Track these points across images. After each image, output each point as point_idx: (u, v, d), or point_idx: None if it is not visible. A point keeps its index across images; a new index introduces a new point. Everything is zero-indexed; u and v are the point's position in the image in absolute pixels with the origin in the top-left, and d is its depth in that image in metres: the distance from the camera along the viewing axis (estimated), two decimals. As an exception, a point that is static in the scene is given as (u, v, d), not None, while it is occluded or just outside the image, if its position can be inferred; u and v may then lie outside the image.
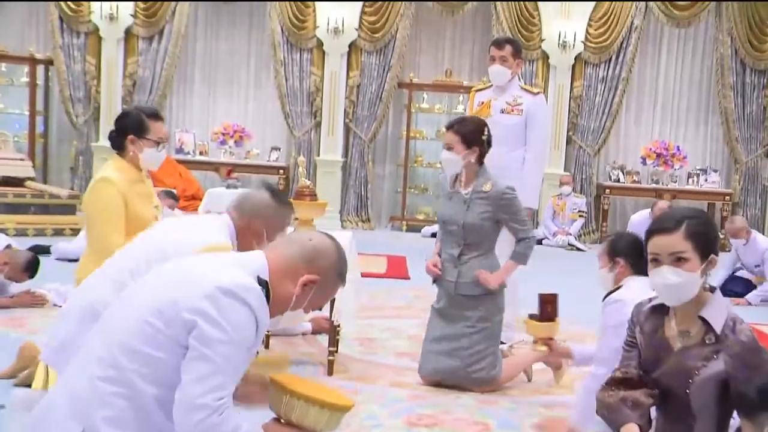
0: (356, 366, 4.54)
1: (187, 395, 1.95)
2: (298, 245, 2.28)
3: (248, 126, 11.80)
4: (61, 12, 11.39)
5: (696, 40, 11.93)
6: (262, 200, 3.05)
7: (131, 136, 3.79)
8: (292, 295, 2.24)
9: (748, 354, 2.53)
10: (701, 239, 2.56)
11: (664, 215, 2.72)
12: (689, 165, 11.66)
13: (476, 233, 4.20)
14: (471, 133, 4.22)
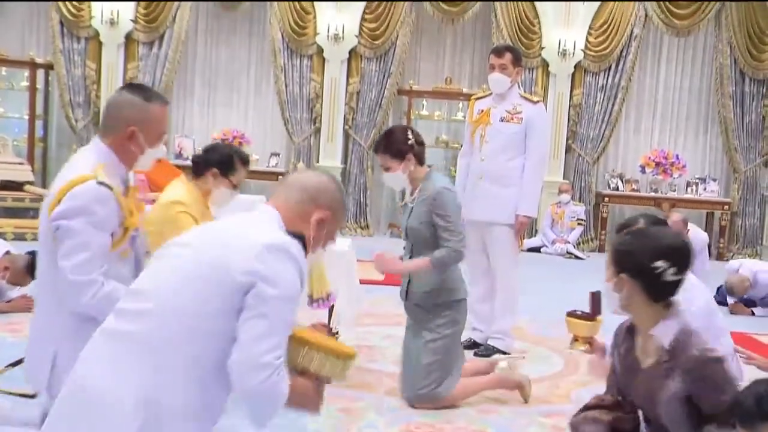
0: (355, 373, 4.51)
1: (249, 355, 1.95)
2: (299, 188, 2.29)
3: (248, 132, 11.80)
4: (62, 17, 11.40)
5: (695, 49, 11.96)
6: (121, 101, 2.82)
7: (215, 170, 3.87)
8: (310, 237, 2.26)
9: (701, 368, 2.50)
10: (615, 255, 2.63)
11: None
12: (688, 174, 11.66)
13: (417, 238, 4.09)
14: (397, 145, 4.11)
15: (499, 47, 5.48)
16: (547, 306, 6.63)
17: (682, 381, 2.52)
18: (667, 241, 2.61)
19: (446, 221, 4.00)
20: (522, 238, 5.47)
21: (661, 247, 2.55)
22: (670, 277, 2.52)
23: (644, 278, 2.53)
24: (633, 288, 2.55)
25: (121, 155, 2.73)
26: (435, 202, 4.01)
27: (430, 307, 4.06)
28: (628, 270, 2.56)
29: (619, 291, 2.58)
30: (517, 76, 5.35)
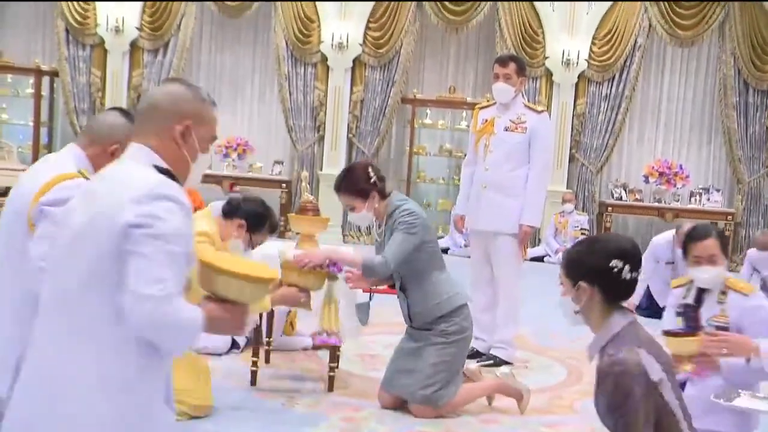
0: (357, 382, 4.53)
1: (130, 292, 1.93)
2: (149, 110, 2.23)
3: (252, 139, 11.82)
4: (68, 24, 11.44)
5: (699, 60, 11.97)
6: (113, 121, 2.88)
7: (243, 222, 3.94)
8: (183, 152, 2.21)
9: (600, 375, 2.51)
10: (569, 266, 2.65)
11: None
12: (692, 184, 11.65)
13: (402, 269, 4.08)
14: (359, 185, 4.12)
15: (504, 57, 5.48)
16: (549, 316, 6.62)
17: (601, 393, 2.53)
18: (618, 242, 2.67)
19: (400, 234, 3.99)
20: (526, 247, 5.46)
21: (613, 248, 2.60)
22: (626, 275, 2.56)
23: (602, 280, 2.57)
24: (592, 293, 2.59)
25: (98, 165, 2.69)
26: (398, 217, 4.04)
27: (435, 321, 4.06)
28: (585, 276, 2.59)
29: (579, 300, 2.62)
30: (522, 86, 5.36)
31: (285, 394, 4.17)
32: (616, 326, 2.57)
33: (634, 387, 2.41)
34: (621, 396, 2.43)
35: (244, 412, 3.86)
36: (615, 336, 2.55)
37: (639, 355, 2.47)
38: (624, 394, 2.42)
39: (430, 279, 4.10)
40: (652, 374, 2.45)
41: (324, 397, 4.18)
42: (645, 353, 2.49)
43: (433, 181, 12.01)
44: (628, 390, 2.42)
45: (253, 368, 4.30)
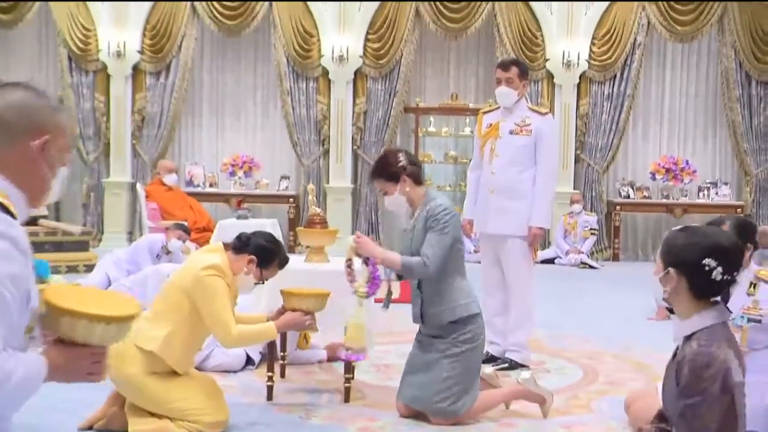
0: (373, 392, 4.52)
1: None
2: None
3: (257, 156, 11.86)
4: (70, 51, 11.52)
5: (700, 55, 11.95)
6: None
7: (254, 258, 3.90)
8: (41, 169, 1.92)
9: (682, 363, 2.48)
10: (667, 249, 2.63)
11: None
12: (699, 179, 11.63)
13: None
14: (390, 169, 4.14)
15: (505, 61, 5.48)
16: (563, 317, 6.61)
17: (676, 378, 2.51)
18: (719, 240, 2.59)
19: (436, 235, 3.97)
20: (536, 249, 5.45)
21: (711, 245, 2.54)
22: (717, 276, 2.51)
23: (692, 275, 2.54)
24: (679, 283, 2.56)
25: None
26: (429, 215, 4.01)
27: (447, 326, 4.02)
28: (677, 265, 2.56)
29: (666, 285, 2.59)
30: (524, 89, 5.35)
31: (302, 407, 4.17)
32: (708, 319, 2.54)
33: (716, 382, 2.41)
34: (700, 386, 2.42)
35: (261, 427, 3.85)
36: (706, 329, 2.52)
37: (728, 354, 2.46)
38: (704, 385, 2.41)
39: (450, 282, 4.05)
40: (736, 376, 2.44)
41: (341, 409, 4.17)
42: (732, 354, 2.48)
43: (440, 188, 11.98)
44: (709, 382, 2.41)
45: (269, 383, 4.30)
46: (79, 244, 9.20)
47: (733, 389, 2.44)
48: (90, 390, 3.06)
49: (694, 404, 2.43)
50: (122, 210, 11.61)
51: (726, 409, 2.45)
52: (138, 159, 11.68)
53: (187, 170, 11.77)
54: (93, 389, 3.54)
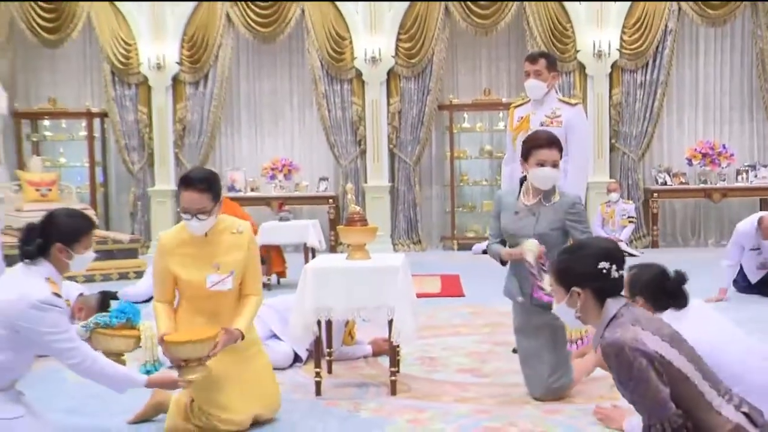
0: (419, 385, 4.56)
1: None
2: None
3: (296, 159, 11.97)
4: (113, 66, 11.74)
5: (733, 37, 11.76)
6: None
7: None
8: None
9: (606, 363, 2.74)
10: (560, 275, 2.85)
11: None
12: (737, 162, 11.44)
13: (547, 243, 4.10)
14: (560, 143, 4.28)
15: (533, 54, 5.47)
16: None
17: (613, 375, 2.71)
18: (600, 245, 2.86)
19: (585, 229, 4.17)
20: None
21: (598, 252, 2.79)
22: (614, 274, 2.75)
23: (594, 283, 2.75)
24: (586, 297, 2.77)
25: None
26: (572, 209, 4.17)
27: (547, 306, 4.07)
28: (578, 282, 2.77)
29: (574, 305, 2.79)
30: (554, 81, 5.32)
31: (350, 401, 4.22)
32: (611, 311, 2.73)
33: (636, 358, 2.56)
34: (626, 369, 2.58)
35: (312, 421, 3.91)
36: (611, 320, 2.72)
37: (635, 331, 2.62)
38: (627, 366, 2.58)
39: None
40: (650, 344, 2.58)
41: (388, 401, 4.22)
42: (640, 329, 2.63)
43: (477, 183, 12.00)
44: (630, 361, 2.57)
45: (317, 379, 4.36)
46: (128, 252, 9.40)
47: (661, 357, 2.57)
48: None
49: (633, 388, 2.60)
50: (168, 217, 11.79)
51: (667, 375, 2.58)
52: (181, 167, 11.85)
53: (228, 176, 11.92)
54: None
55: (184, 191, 3.69)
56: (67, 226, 3.42)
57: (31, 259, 3.37)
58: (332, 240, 11.24)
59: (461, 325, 6.31)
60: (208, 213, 3.68)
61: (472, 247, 11.38)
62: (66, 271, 3.45)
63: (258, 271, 3.92)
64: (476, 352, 5.32)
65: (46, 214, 3.49)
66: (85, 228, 3.47)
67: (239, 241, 3.81)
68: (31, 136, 12.19)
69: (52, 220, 3.44)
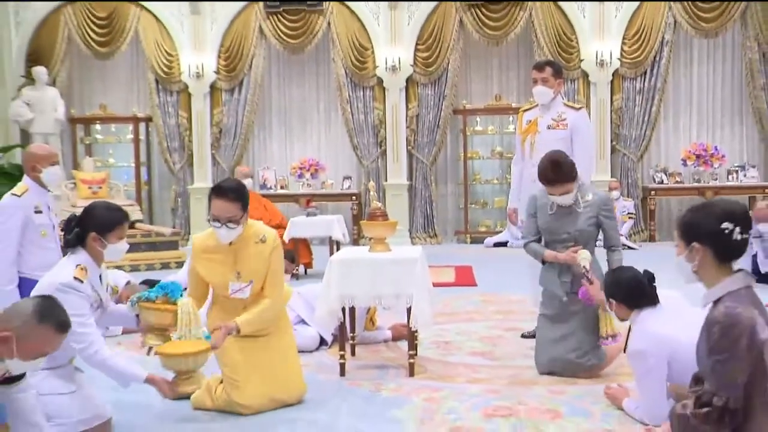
0: (435, 367, 4.52)
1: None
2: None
3: (322, 159, 11.96)
4: (157, 75, 11.78)
5: (725, 48, 11.60)
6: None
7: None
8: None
9: (709, 325, 2.52)
10: (684, 229, 2.64)
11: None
12: (728, 163, 11.30)
13: (586, 238, 4.22)
14: (571, 171, 4.22)
15: (540, 62, 5.40)
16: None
17: (707, 338, 2.48)
18: (727, 205, 2.58)
19: (613, 222, 4.27)
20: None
21: (723, 212, 2.54)
22: (737, 236, 2.50)
23: (715, 242, 2.52)
24: (705, 254, 2.54)
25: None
26: (605, 206, 4.23)
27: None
28: (699, 238, 2.54)
29: (692, 260, 2.58)
30: (560, 87, 5.26)
31: (372, 382, 4.19)
32: (734, 285, 2.52)
33: (742, 338, 2.39)
34: (727, 343, 2.40)
35: (336, 400, 3.88)
36: (733, 293, 2.50)
37: (754, 313, 2.43)
38: (731, 342, 2.39)
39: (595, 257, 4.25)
40: (762, 333, 2.41)
41: (406, 382, 4.18)
42: (757, 314, 2.45)
43: (488, 182, 11.92)
44: (735, 340, 2.39)
45: (341, 361, 4.33)
46: (170, 244, 9.42)
47: (760, 346, 2.40)
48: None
49: (722, 360, 2.41)
50: (205, 212, 11.71)
51: (753, 365, 2.41)
52: (217, 166, 11.89)
53: (260, 174, 11.92)
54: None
55: (216, 199, 3.61)
56: (102, 217, 3.39)
57: (71, 247, 3.36)
58: (355, 234, 11.21)
59: (474, 312, 6.25)
60: (237, 222, 3.61)
61: (484, 241, 11.31)
62: (101, 259, 3.41)
63: (277, 277, 3.78)
64: (488, 337, 5.27)
65: (85, 206, 3.48)
66: (118, 219, 3.42)
67: (262, 250, 3.71)
68: (84, 140, 12.27)
69: (89, 211, 3.42)
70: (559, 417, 3.56)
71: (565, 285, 4.25)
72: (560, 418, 3.53)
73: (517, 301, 6.46)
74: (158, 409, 3.76)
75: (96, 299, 3.37)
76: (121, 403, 3.73)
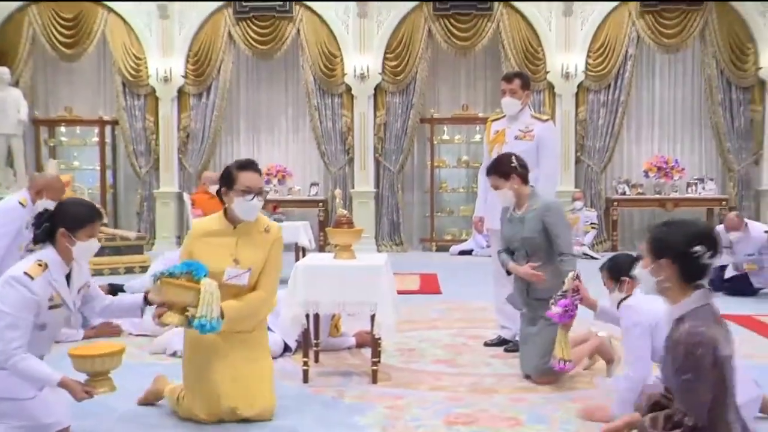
0: (398, 374, 4.52)
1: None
2: None
3: (289, 166, 11.91)
4: (124, 78, 11.64)
5: (685, 64, 11.84)
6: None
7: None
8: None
9: (673, 346, 2.55)
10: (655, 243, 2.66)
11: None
12: (687, 175, 11.52)
13: (533, 246, 4.32)
14: (502, 167, 4.42)
15: (509, 74, 5.44)
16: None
17: (672, 358, 2.50)
18: (700, 228, 2.61)
19: (560, 230, 4.30)
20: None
21: (696, 233, 2.56)
22: (706, 260, 2.53)
23: (683, 262, 2.54)
24: (671, 271, 2.56)
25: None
26: (548, 211, 4.30)
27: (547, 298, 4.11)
28: (668, 255, 2.56)
29: (658, 275, 2.59)
30: (527, 99, 5.30)
31: (335, 389, 4.17)
32: (695, 302, 2.54)
33: (706, 357, 2.41)
34: (693, 363, 2.42)
35: (299, 406, 3.86)
36: (694, 310, 2.52)
37: (716, 331, 2.46)
38: (696, 361, 2.41)
39: (554, 262, 4.31)
40: (724, 350, 2.44)
41: (369, 389, 4.17)
42: (720, 331, 2.48)
43: (455, 190, 11.98)
44: (700, 359, 2.41)
45: (304, 367, 4.31)
46: (134, 248, 9.29)
47: (722, 362, 2.43)
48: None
49: (689, 380, 2.43)
50: (171, 217, 11.70)
51: (717, 381, 2.44)
52: (184, 171, 11.78)
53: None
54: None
55: (247, 172, 3.63)
56: (73, 213, 3.30)
57: (40, 242, 3.28)
58: (321, 240, 11.18)
59: (438, 319, 6.27)
60: (262, 195, 3.66)
61: (449, 249, 11.36)
62: (70, 257, 3.29)
63: (274, 270, 3.71)
64: (451, 345, 5.29)
65: (58, 202, 3.43)
66: (89, 217, 3.32)
67: (264, 239, 3.67)
68: (48, 142, 12.07)
69: (60, 207, 3.35)
70: (520, 424, 3.58)
71: (523, 294, 4.39)
72: (521, 426, 3.56)
73: (481, 309, 6.50)
74: (120, 415, 3.70)
75: (56, 299, 3.23)
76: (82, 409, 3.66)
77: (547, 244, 4.31)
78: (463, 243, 11.29)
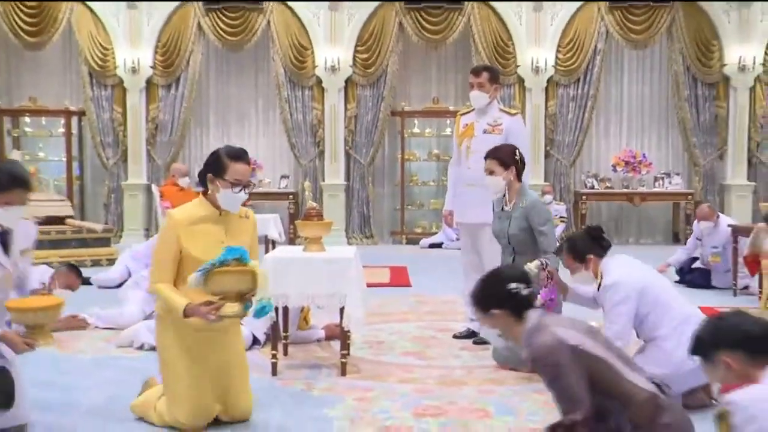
0: (367, 366, 4.53)
1: None
2: None
3: (259, 158, 11.83)
4: (90, 68, 11.46)
5: (653, 60, 11.99)
6: None
7: (210, 175, 3.50)
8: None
9: (531, 362, 2.77)
10: (478, 301, 2.93)
11: None
12: (654, 170, 11.67)
13: (518, 243, 4.38)
14: (505, 156, 4.48)
15: (477, 67, 5.45)
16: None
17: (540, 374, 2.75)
18: (507, 271, 3.03)
19: (542, 226, 4.33)
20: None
21: (507, 276, 2.88)
22: (524, 293, 2.81)
23: (507, 303, 2.80)
24: (504, 316, 2.81)
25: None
26: (533, 209, 4.37)
27: None
28: (494, 304, 2.82)
29: (496, 325, 2.85)
30: (496, 92, 5.31)
31: (303, 381, 4.17)
32: (530, 322, 2.77)
33: (559, 357, 2.60)
34: (551, 369, 2.62)
35: (268, 398, 3.85)
36: (531, 329, 2.74)
37: (552, 332, 2.66)
38: (553, 367, 2.61)
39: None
40: (570, 340, 2.64)
41: (338, 382, 4.18)
42: (560, 328, 2.69)
43: (425, 183, 12.01)
44: (555, 362, 2.60)
45: (273, 360, 4.30)
46: (101, 241, 9.17)
47: (579, 347, 2.63)
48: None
49: (559, 384, 2.61)
50: (139, 209, 11.57)
51: (587, 364, 2.61)
52: (152, 163, 11.64)
53: (196, 172, 11.68)
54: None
55: (237, 163, 3.56)
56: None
57: None
58: (291, 233, 11.14)
59: (407, 312, 6.29)
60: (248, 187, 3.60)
61: (419, 242, 11.40)
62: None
63: (256, 256, 3.55)
64: (420, 338, 5.31)
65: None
66: (6, 184, 3.08)
67: (245, 225, 3.64)
68: (12, 132, 11.84)
69: None
70: (488, 416, 3.61)
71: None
72: (489, 418, 3.59)
73: (451, 301, 6.53)
74: (85, 409, 3.66)
75: None
76: (45, 403, 3.61)
77: (533, 241, 4.37)
78: (433, 236, 11.33)
